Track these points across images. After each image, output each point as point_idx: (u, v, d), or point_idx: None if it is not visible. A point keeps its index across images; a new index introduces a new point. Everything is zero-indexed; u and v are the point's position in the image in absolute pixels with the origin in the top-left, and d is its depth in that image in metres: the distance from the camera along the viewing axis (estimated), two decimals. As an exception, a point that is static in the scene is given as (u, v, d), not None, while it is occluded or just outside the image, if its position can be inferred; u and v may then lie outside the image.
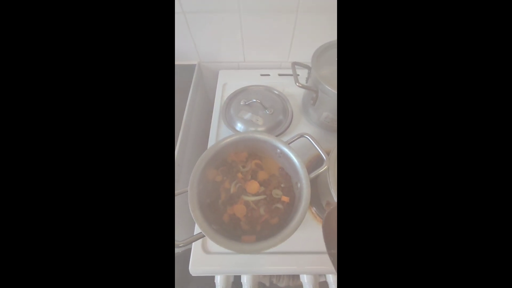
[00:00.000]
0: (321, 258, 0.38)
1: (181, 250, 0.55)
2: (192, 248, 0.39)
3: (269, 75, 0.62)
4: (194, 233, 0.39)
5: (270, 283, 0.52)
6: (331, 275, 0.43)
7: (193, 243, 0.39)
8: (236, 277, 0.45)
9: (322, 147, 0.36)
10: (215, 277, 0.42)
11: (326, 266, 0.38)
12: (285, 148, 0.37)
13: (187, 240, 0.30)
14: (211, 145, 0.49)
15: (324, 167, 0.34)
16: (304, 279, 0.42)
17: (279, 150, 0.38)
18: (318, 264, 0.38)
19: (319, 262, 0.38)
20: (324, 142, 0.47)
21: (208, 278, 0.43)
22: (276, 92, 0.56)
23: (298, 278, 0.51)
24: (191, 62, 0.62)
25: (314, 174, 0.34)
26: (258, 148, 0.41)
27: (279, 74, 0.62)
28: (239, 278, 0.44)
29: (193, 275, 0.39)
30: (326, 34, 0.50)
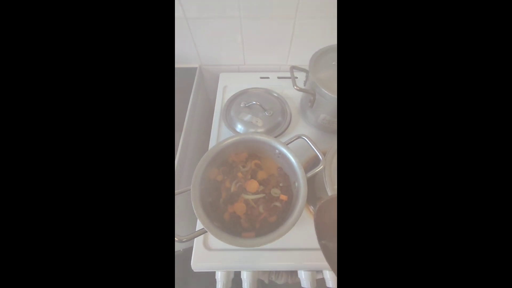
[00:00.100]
0: (317, 254, 0.39)
1: (182, 247, 0.56)
2: (194, 244, 0.41)
3: (268, 78, 0.63)
4: (196, 229, 0.40)
5: (269, 280, 0.54)
6: (328, 272, 0.44)
7: (195, 240, 0.41)
8: (236, 273, 0.46)
9: (318, 148, 0.38)
10: (215, 273, 0.44)
11: (322, 262, 0.39)
12: (283, 149, 0.39)
13: (190, 236, 0.32)
14: (212, 145, 0.51)
15: (320, 166, 0.35)
16: (302, 275, 0.44)
17: (277, 151, 0.40)
18: (315, 260, 0.40)
19: (316, 258, 0.40)
20: (322, 143, 0.48)
21: (209, 274, 0.44)
22: (275, 94, 0.58)
23: (296, 275, 0.53)
24: (193, 65, 0.63)
25: (310, 174, 0.35)
26: (257, 149, 0.43)
27: (278, 77, 0.63)
28: (239, 274, 0.46)
29: (194, 271, 0.41)
30: (323, 39, 0.52)
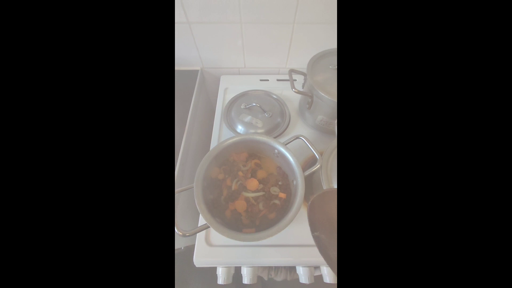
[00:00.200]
0: (315, 250, 0.41)
1: (183, 245, 0.58)
2: (196, 241, 0.42)
3: (268, 80, 0.65)
4: (198, 225, 0.42)
5: (269, 277, 0.55)
6: (325, 268, 0.45)
7: (197, 237, 0.42)
8: (237, 269, 0.48)
9: (316, 148, 0.40)
10: (216, 269, 0.45)
11: (319, 258, 0.41)
12: (282, 149, 0.40)
13: (193, 231, 0.33)
14: (213, 145, 0.52)
15: (317, 165, 0.37)
16: (300, 271, 0.45)
17: (276, 151, 0.42)
18: (312, 256, 0.41)
19: (313, 254, 0.41)
20: (319, 144, 0.50)
21: (211, 272, 0.46)
22: (275, 96, 0.59)
23: (294, 272, 0.54)
24: (195, 68, 0.65)
25: (308, 172, 0.37)
26: (257, 149, 0.44)
27: (278, 80, 0.65)
28: (240, 270, 0.47)
29: (197, 266, 0.42)
30: (320, 44, 0.54)
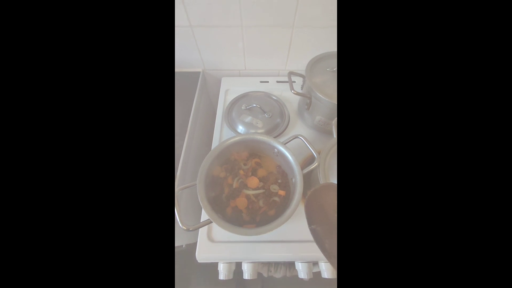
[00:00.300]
0: (313, 246, 0.42)
1: (185, 243, 0.59)
2: (199, 237, 0.44)
3: (268, 82, 0.67)
4: (201, 221, 0.43)
5: (268, 273, 0.56)
6: (324, 264, 0.47)
7: (199, 233, 0.44)
8: (238, 265, 0.49)
9: (314, 147, 0.41)
10: (218, 264, 0.46)
11: (318, 253, 0.42)
12: (282, 148, 0.42)
13: (196, 226, 0.35)
14: (214, 145, 0.54)
15: (315, 164, 0.39)
16: (299, 266, 0.47)
17: (276, 150, 0.43)
18: (310, 252, 0.43)
19: (311, 249, 0.43)
20: (318, 143, 0.52)
21: (212, 269, 0.47)
22: (274, 97, 0.61)
23: (294, 268, 0.55)
24: (196, 70, 0.67)
25: (306, 170, 0.39)
26: (258, 148, 0.46)
27: (277, 81, 0.67)
28: (240, 266, 0.48)
29: (199, 262, 0.43)
30: (318, 47, 0.56)
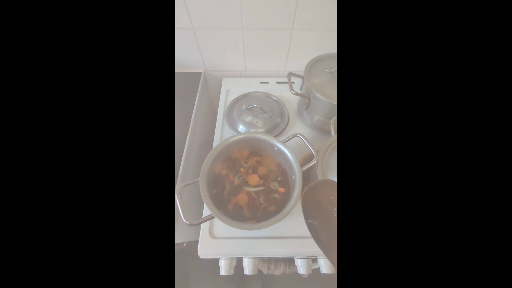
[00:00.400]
0: (311, 241, 0.43)
1: (186, 240, 0.60)
2: (200, 233, 0.45)
3: (268, 82, 0.68)
4: (202, 216, 0.44)
5: (268, 270, 0.57)
6: (322, 259, 0.48)
7: (201, 229, 0.45)
8: (238, 261, 0.50)
9: (312, 145, 0.42)
10: (219, 261, 0.47)
11: (315, 248, 0.43)
12: (281, 146, 0.43)
13: (198, 221, 0.36)
14: (216, 143, 0.55)
15: (313, 161, 0.40)
16: (298, 262, 0.48)
17: (276, 148, 0.45)
18: (309, 247, 0.44)
19: (310, 245, 0.44)
20: (317, 142, 0.53)
21: (212, 267, 0.48)
22: (274, 98, 0.63)
23: (293, 265, 0.56)
24: (198, 71, 0.68)
25: (305, 168, 0.40)
26: (258, 147, 0.47)
27: (277, 82, 0.68)
28: (241, 262, 0.50)
29: (201, 257, 0.44)
30: (317, 49, 0.57)
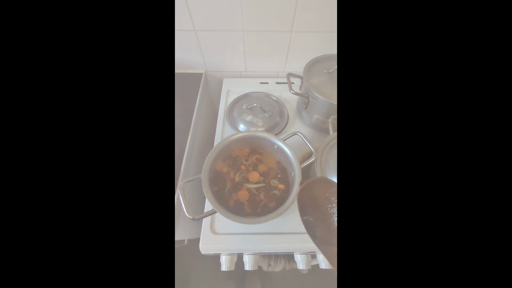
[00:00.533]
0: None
1: (187, 238, 0.61)
2: (202, 229, 0.46)
3: (267, 83, 0.69)
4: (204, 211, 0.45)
5: (268, 266, 0.58)
6: (321, 255, 0.49)
7: (202, 225, 0.46)
8: (239, 257, 0.51)
9: (311, 143, 0.44)
10: (220, 257, 0.48)
11: (313, 243, 0.44)
12: (281, 144, 0.44)
13: (201, 215, 0.37)
14: (217, 142, 0.56)
15: (312, 158, 0.41)
16: (298, 258, 0.49)
17: (276, 146, 0.46)
18: (307, 242, 0.45)
19: (308, 240, 0.44)
20: (316, 141, 0.54)
21: (213, 262, 0.49)
22: (274, 98, 0.64)
23: (293, 261, 0.57)
24: (199, 71, 0.69)
25: (304, 164, 0.41)
26: (258, 145, 0.48)
27: (277, 82, 0.69)
28: (241, 258, 0.51)
29: (202, 253, 0.45)
30: (315, 50, 0.59)
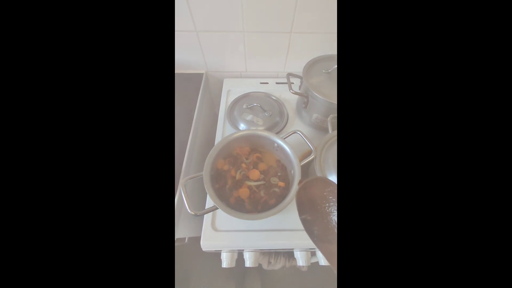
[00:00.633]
0: (310, 234, 0.45)
1: (187, 236, 0.61)
2: (203, 226, 0.46)
3: (267, 83, 0.71)
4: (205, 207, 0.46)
5: (268, 264, 0.59)
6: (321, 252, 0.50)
7: (204, 222, 0.47)
8: (239, 254, 0.52)
9: (311, 141, 0.45)
10: (221, 254, 0.49)
11: (312, 240, 0.45)
12: (281, 142, 0.45)
13: (202, 211, 0.38)
14: (217, 141, 0.57)
15: (311, 156, 0.42)
16: (297, 255, 0.49)
17: (276, 144, 0.47)
18: (307, 239, 0.45)
19: (308, 237, 0.45)
20: (315, 139, 0.55)
21: (214, 260, 0.49)
22: (274, 97, 0.65)
23: (293, 258, 0.58)
24: (200, 71, 0.70)
25: (303, 162, 0.42)
26: (258, 143, 0.49)
27: (277, 83, 0.71)
28: (242, 255, 0.51)
29: (203, 250, 0.46)
30: (314, 51, 0.60)
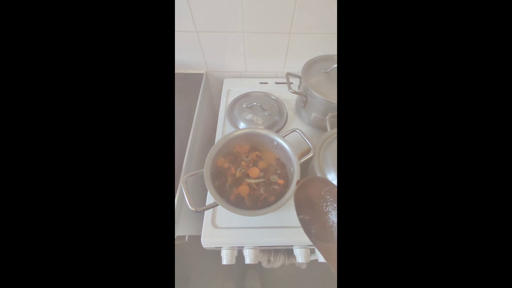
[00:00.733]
0: (309, 231, 0.46)
1: (188, 233, 0.62)
2: (203, 223, 0.47)
3: (267, 83, 0.71)
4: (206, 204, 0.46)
5: (268, 262, 0.60)
6: (320, 249, 0.50)
7: (204, 219, 0.47)
8: (239, 252, 0.52)
9: (310, 139, 0.45)
10: (221, 251, 0.50)
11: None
12: (280, 140, 0.46)
13: (203, 208, 0.38)
14: (218, 139, 0.58)
15: (310, 154, 0.43)
16: (297, 252, 0.50)
17: (275, 143, 0.47)
18: (306, 236, 0.46)
19: (307, 234, 0.46)
20: (314, 138, 0.56)
21: (214, 258, 0.50)
22: (273, 97, 0.66)
23: (292, 256, 0.59)
24: (200, 71, 0.71)
25: (302, 160, 0.43)
26: (258, 142, 0.50)
27: (276, 83, 0.71)
28: (242, 253, 0.52)
29: (204, 247, 0.47)
30: (313, 51, 0.61)
